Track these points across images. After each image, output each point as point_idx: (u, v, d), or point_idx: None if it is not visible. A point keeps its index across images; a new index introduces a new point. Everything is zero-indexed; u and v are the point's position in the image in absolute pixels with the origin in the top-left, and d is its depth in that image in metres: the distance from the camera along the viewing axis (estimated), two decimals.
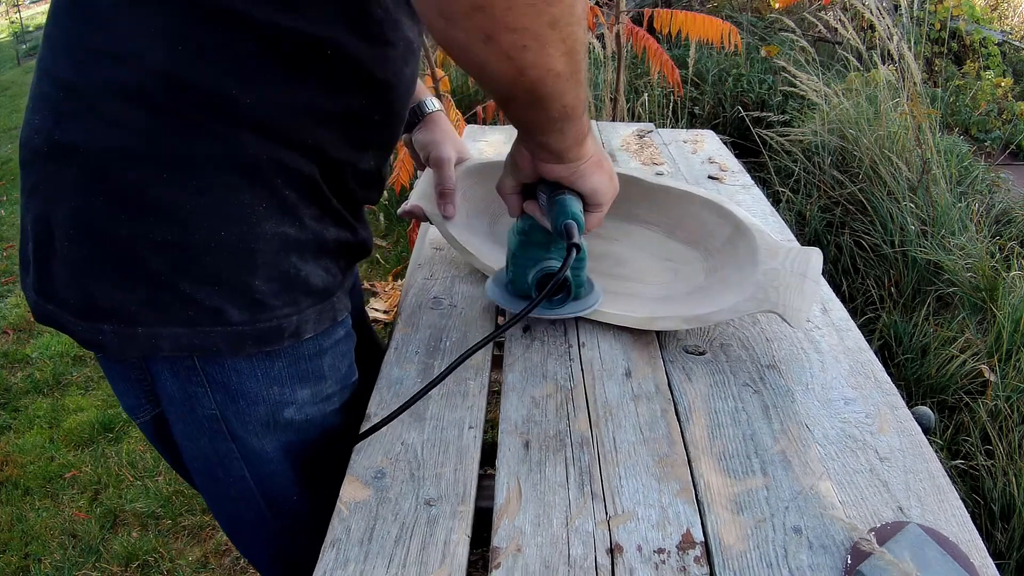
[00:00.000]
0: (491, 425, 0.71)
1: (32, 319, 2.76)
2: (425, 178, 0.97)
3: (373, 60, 0.63)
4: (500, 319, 0.88)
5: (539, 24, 0.49)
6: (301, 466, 0.73)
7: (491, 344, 0.82)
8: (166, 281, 0.58)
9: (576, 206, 0.69)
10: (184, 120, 0.56)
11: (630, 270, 0.93)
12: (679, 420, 0.70)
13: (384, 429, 0.69)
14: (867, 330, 2.13)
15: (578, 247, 0.69)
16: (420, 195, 0.96)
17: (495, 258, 0.91)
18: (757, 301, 0.75)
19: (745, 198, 1.18)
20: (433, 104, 0.96)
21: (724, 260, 0.86)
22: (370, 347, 0.92)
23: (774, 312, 0.74)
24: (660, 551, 0.56)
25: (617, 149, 1.42)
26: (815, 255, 0.78)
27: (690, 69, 3.27)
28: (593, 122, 1.61)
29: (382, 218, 3.21)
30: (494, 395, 0.78)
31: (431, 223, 0.96)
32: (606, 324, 0.84)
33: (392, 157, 2.76)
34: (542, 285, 0.77)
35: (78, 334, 0.61)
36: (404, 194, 3.00)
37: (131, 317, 0.59)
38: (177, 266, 0.58)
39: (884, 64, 2.74)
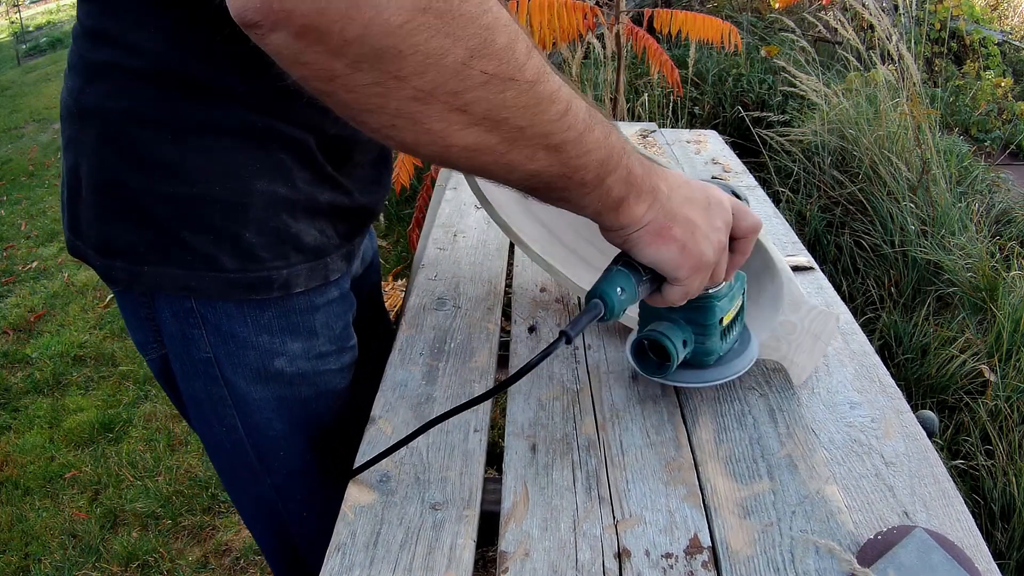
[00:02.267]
0: (491, 425, 0.71)
1: (32, 319, 2.76)
2: None
3: None
4: (503, 323, 0.88)
5: (397, 102, 0.39)
6: (293, 421, 0.76)
7: (496, 346, 0.82)
8: (168, 228, 0.64)
9: (615, 280, 0.58)
10: (186, 93, 0.61)
11: None
12: (685, 424, 0.70)
13: (389, 432, 0.69)
14: (867, 330, 2.13)
15: (567, 336, 0.56)
16: None
17: (524, 223, 0.87)
18: (768, 348, 0.76)
19: (749, 199, 1.18)
20: None
21: (746, 293, 0.85)
22: (381, 321, 0.93)
23: (779, 364, 0.75)
24: (668, 556, 0.56)
25: None
26: (833, 321, 0.78)
27: (690, 69, 3.26)
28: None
29: (382, 218, 3.20)
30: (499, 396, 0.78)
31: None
32: (612, 326, 0.84)
33: (393, 156, 2.75)
34: (636, 350, 0.70)
35: (97, 267, 0.69)
36: (404, 194, 3.00)
37: (139, 257, 0.66)
38: (178, 216, 0.64)
39: (884, 64, 2.74)
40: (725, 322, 0.67)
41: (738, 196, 0.71)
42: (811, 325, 0.77)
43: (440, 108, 0.39)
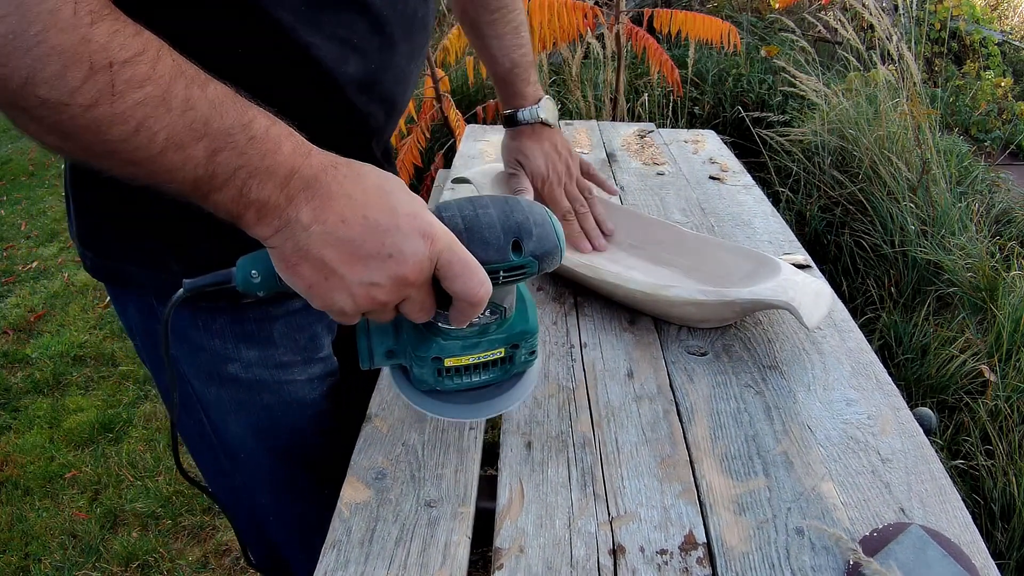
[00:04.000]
0: (490, 425, 0.71)
1: (32, 319, 2.77)
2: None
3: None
4: None
5: (5, 109, 0.44)
6: (256, 426, 0.77)
7: None
8: (126, 227, 0.68)
9: (258, 262, 0.54)
10: None
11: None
12: (681, 421, 0.70)
13: (385, 430, 0.69)
14: (867, 330, 2.13)
15: (185, 287, 0.56)
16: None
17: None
18: (775, 292, 0.76)
19: (747, 199, 1.18)
20: (531, 114, 0.91)
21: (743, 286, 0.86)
22: None
23: (789, 307, 0.74)
24: (662, 552, 0.56)
25: (618, 149, 1.42)
26: (828, 294, 0.82)
27: (690, 69, 3.27)
28: (592, 123, 1.61)
29: None
30: None
31: None
32: (608, 325, 0.84)
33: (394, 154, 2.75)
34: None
35: (78, 252, 0.74)
36: None
37: (103, 250, 0.71)
38: (134, 216, 0.67)
39: (884, 64, 2.74)
40: (448, 363, 0.59)
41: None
42: (811, 283, 0.80)
43: (25, 117, 0.45)
